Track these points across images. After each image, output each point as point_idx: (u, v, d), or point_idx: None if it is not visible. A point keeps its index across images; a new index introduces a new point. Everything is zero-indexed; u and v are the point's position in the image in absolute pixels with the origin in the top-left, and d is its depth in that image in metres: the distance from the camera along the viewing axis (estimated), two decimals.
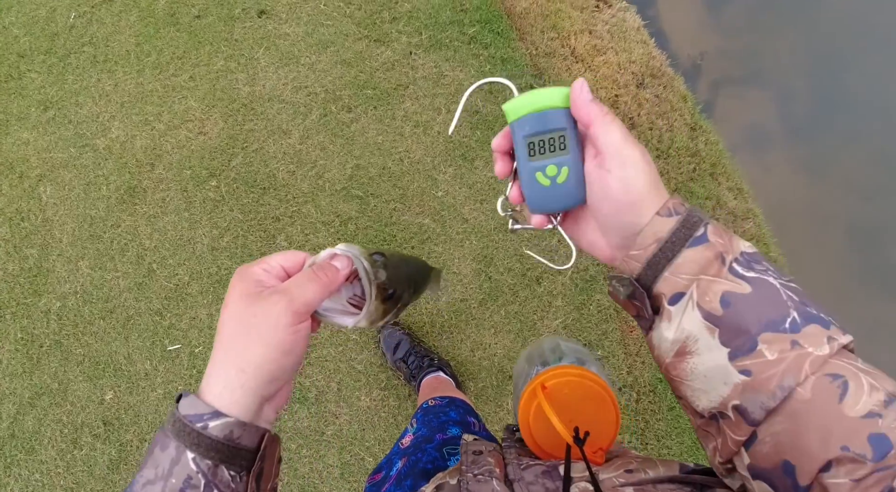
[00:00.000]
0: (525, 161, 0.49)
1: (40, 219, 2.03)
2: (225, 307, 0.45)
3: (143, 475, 0.42)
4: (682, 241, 0.43)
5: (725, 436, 0.42)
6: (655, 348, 0.46)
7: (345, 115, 2.11)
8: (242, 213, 1.99)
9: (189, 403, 0.42)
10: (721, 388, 0.41)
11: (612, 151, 0.45)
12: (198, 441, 0.41)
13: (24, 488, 1.79)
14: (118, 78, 2.20)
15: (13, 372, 1.88)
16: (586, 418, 0.70)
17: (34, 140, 2.14)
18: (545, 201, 0.50)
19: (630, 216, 0.46)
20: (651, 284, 0.45)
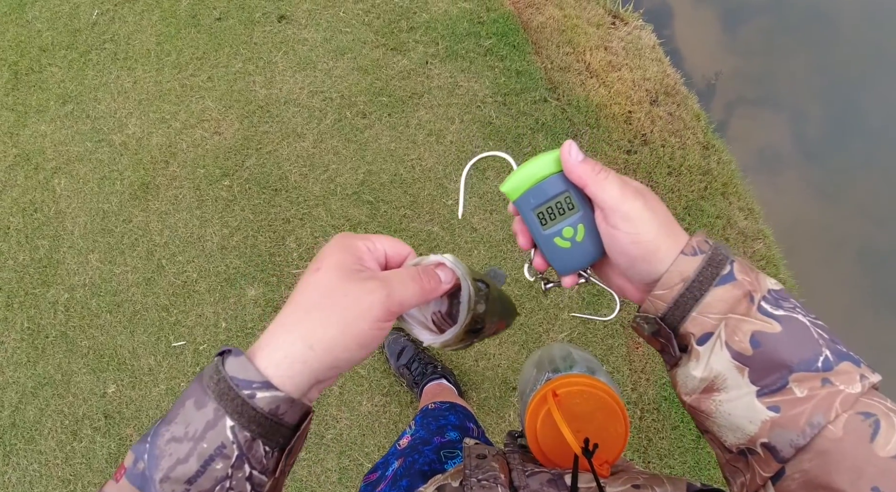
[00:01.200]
0: (540, 232, 0.50)
1: (53, 211, 2.05)
2: (315, 270, 0.41)
3: (169, 430, 0.37)
4: (710, 280, 0.43)
5: (754, 471, 0.42)
6: (680, 385, 0.46)
7: (359, 120, 2.13)
8: (253, 213, 2.01)
9: (239, 365, 0.38)
10: (748, 426, 0.41)
11: (612, 206, 0.45)
12: (241, 410, 0.37)
13: (21, 477, 1.80)
14: (137, 75, 2.24)
15: (18, 361, 1.90)
16: (595, 430, 0.69)
17: (51, 133, 2.17)
18: (570, 262, 0.51)
19: (646, 266, 0.46)
20: (678, 324, 0.45)
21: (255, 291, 1.91)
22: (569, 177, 0.47)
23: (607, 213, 0.46)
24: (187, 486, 0.36)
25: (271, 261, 1.94)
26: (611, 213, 0.46)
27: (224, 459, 0.37)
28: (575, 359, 0.82)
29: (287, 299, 0.41)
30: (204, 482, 0.36)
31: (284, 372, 0.38)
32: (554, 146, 2.08)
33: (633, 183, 0.47)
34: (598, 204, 0.47)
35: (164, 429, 0.37)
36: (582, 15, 2.38)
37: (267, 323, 1.86)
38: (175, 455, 0.36)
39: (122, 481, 0.37)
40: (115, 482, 0.38)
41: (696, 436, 1.80)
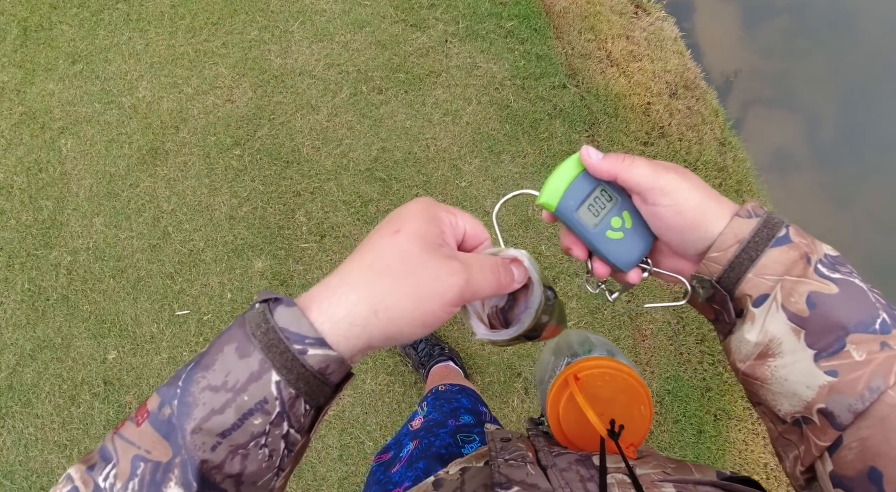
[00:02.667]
0: (590, 230, 0.49)
1: (58, 171, 2.02)
2: (394, 232, 0.39)
3: (205, 377, 0.34)
4: (766, 241, 0.43)
5: (809, 442, 0.41)
6: (734, 352, 0.45)
7: (375, 96, 2.10)
8: (264, 184, 1.98)
9: (292, 316, 0.35)
10: (805, 391, 0.40)
11: (648, 185, 0.45)
12: (290, 366, 0.34)
13: (16, 440, 1.78)
14: (150, 38, 2.19)
15: (17, 323, 1.87)
16: (619, 412, 0.68)
17: (59, 92, 2.13)
18: (629, 253, 0.50)
19: (696, 233, 0.45)
20: (733, 287, 0.44)
21: (262, 264, 1.89)
22: (597, 175, 0.47)
23: (645, 193, 0.46)
24: (220, 439, 0.33)
25: (280, 234, 1.92)
26: (648, 192, 0.45)
27: (264, 414, 0.34)
28: (593, 343, 0.81)
29: (353, 254, 0.39)
30: (238, 437, 0.34)
31: (341, 332, 0.35)
32: (571, 133, 2.08)
33: (661, 162, 0.47)
34: (634, 189, 0.46)
35: (199, 375, 0.34)
36: (605, 2, 2.35)
37: None
38: (210, 405, 0.33)
39: (145, 425, 0.34)
40: (136, 426, 0.35)
41: (698, 430, 1.81)
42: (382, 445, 1.72)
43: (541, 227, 1.90)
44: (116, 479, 0.33)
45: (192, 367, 0.35)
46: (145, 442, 0.34)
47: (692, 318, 1.85)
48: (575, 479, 0.51)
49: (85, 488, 0.33)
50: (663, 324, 1.83)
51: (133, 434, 0.34)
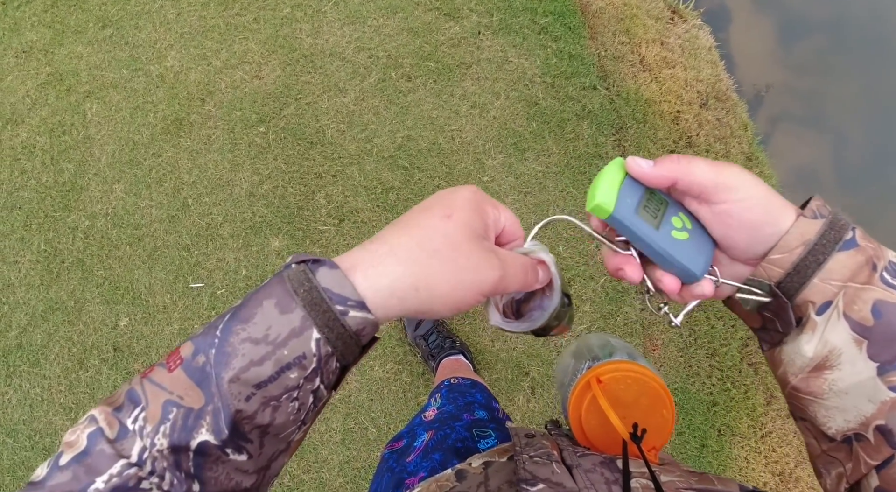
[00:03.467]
0: (654, 234, 0.43)
1: (82, 135, 2.03)
2: (446, 217, 0.40)
3: (245, 329, 0.35)
4: (832, 243, 0.40)
5: (858, 460, 0.39)
6: (785, 364, 0.43)
7: (403, 83, 2.10)
8: (286, 163, 1.98)
9: (335, 278, 0.36)
10: (865, 406, 0.38)
11: (712, 183, 0.42)
12: (331, 325, 0.35)
13: (22, 399, 1.80)
14: (182, 7, 2.19)
15: (30, 283, 1.89)
16: (641, 415, 0.68)
17: (87, 55, 2.14)
18: (700, 255, 0.45)
19: (770, 229, 0.42)
20: (794, 293, 0.41)
21: (280, 243, 1.90)
22: (651, 183, 0.44)
23: (710, 192, 0.42)
24: (255, 390, 0.34)
25: (299, 214, 1.93)
26: (714, 190, 0.42)
27: (300, 369, 0.35)
28: (614, 346, 0.82)
29: (399, 226, 0.40)
30: (273, 389, 0.35)
31: (381, 300, 0.37)
32: (598, 136, 2.07)
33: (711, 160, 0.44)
34: (696, 190, 0.42)
35: (238, 326, 0.35)
36: (642, 5, 2.34)
37: None
38: (249, 356, 0.34)
39: (177, 371, 0.35)
40: (168, 372, 0.35)
41: (701, 444, 1.81)
42: (386, 432, 1.74)
43: (560, 228, 1.90)
44: (146, 422, 0.34)
45: (228, 318, 0.36)
46: (178, 388, 0.34)
47: (704, 331, 1.85)
48: (600, 481, 0.51)
49: (110, 429, 0.33)
50: (675, 335, 1.84)
51: (164, 379, 0.35)
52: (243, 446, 0.35)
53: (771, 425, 1.80)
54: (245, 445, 0.35)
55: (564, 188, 1.93)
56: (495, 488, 0.55)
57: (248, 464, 0.37)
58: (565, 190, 1.93)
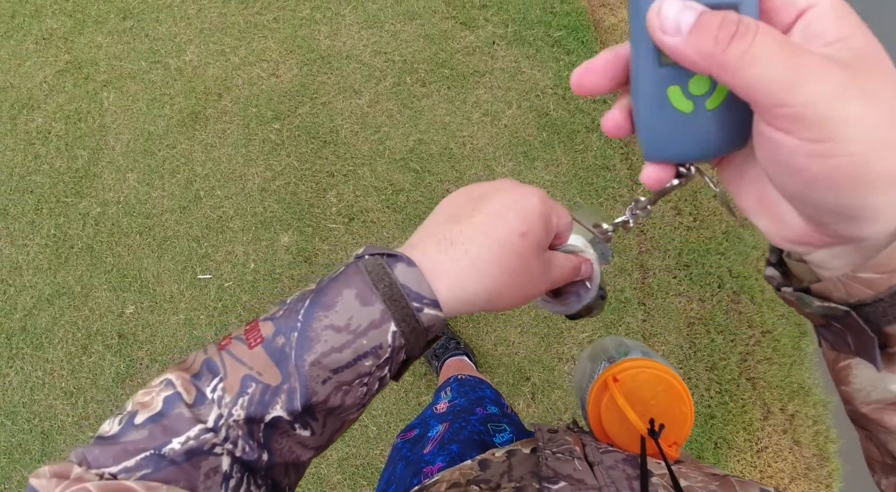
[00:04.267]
0: (651, 66, 0.28)
1: (98, 123, 2.07)
2: (523, 235, 0.41)
3: (327, 316, 0.37)
4: None
5: None
6: (852, 387, 0.35)
7: (418, 88, 2.15)
8: (299, 161, 2.03)
9: (413, 276, 0.38)
10: None
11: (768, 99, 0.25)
12: (407, 320, 0.38)
13: (23, 381, 1.82)
14: (203, 4, 2.25)
15: (38, 266, 1.91)
16: (659, 411, 0.71)
17: (107, 45, 2.18)
18: (676, 140, 0.30)
19: (838, 197, 0.26)
20: (885, 324, 0.30)
21: (289, 239, 1.94)
22: (680, 60, 0.26)
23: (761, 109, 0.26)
24: (331, 374, 0.37)
25: (310, 211, 1.97)
26: (767, 110, 0.26)
27: (375, 358, 0.38)
28: (629, 346, 0.85)
29: (476, 230, 0.40)
30: (348, 375, 0.37)
31: (453, 303, 0.39)
32: (606, 148, 2.13)
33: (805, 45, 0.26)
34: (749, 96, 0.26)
35: (320, 313, 0.37)
36: None
37: (296, 272, 1.90)
38: (331, 343, 0.36)
39: (258, 349, 0.37)
40: (248, 348, 0.37)
41: (696, 456, 1.85)
42: (387, 430, 1.76)
43: None
44: (225, 392, 0.36)
45: (308, 304, 0.38)
46: (257, 364, 0.36)
47: (703, 345, 1.89)
48: (621, 478, 0.52)
49: (187, 394, 0.35)
50: (675, 346, 1.88)
51: (244, 355, 0.37)
52: (310, 423, 0.38)
53: (767, 440, 1.84)
54: (311, 422, 0.38)
55: (572, 198, 1.98)
56: (518, 478, 0.56)
57: (310, 440, 0.39)
58: (573, 200, 1.98)
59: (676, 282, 1.86)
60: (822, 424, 1.84)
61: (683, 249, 1.88)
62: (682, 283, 1.87)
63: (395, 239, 1.94)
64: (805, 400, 1.84)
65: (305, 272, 1.90)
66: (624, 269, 1.86)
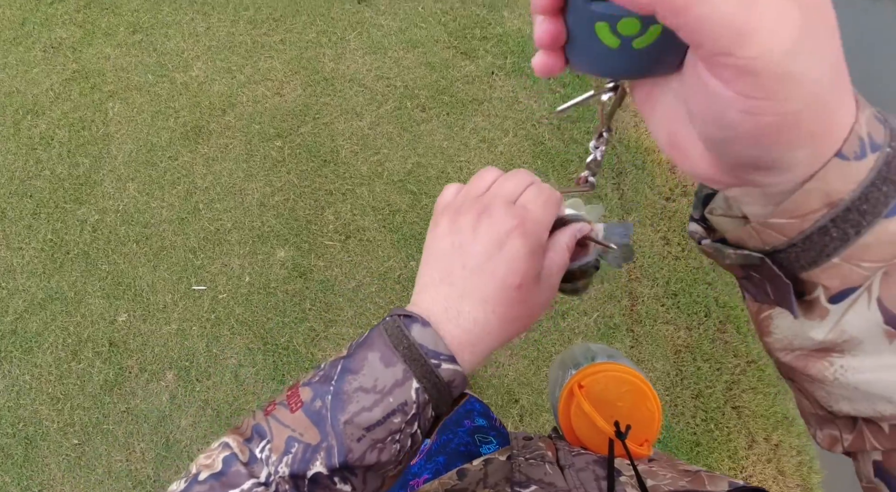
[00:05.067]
0: (583, 2, 0.28)
1: (101, 132, 2.12)
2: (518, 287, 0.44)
3: (356, 380, 0.42)
4: (879, 207, 0.27)
5: (863, 439, 0.34)
6: (773, 337, 0.35)
7: (418, 113, 2.24)
8: (299, 178, 2.09)
9: (429, 335, 0.42)
10: (883, 405, 0.31)
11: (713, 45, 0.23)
12: (428, 376, 0.42)
13: (10, 385, 1.83)
14: (212, 22, 2.33)
15: (33, 270, 1.94)
16: (627, 412, 0.76)
17: (115, 57, 2.25)
18: (599, 64, 0.31)
19: (758, 150, 0.26)
20: (800, 271, 0.30)
21: (285, 254, 1.98)
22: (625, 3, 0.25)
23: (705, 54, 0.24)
24: (365, 432, 0.41)
25: (307, 228, 2.02)
26: (711, 57, 0.24)
27: (403, 414, 0.42)
28: (594, 351, 0.90)
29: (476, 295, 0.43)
30: (380, 432, 0.41)
31: (472, 363, 0.44)
32: (598, 178, 2.22)
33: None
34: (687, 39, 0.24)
35: (350, 376, 0.42)
36: None
37: (291, 287, 1.94)
38: (361, 403, 0.41)
39: (299, 413, 0.42)
40: (290, 412, 0.42)
41: None
42: None
43: None
44: (272, 452, 0.41)
45: (340, 370, 0.43)
46: (298, 426, 0.42)
47: (690, 372, 1.95)
48: (590, 479, 0.57)
49: (242, 455, 0.41)
50: (662, 373, 1.94)
51: (287, 418, 0.43)
52: (349, 478, 0.42)
53: (751, 468, 1.89)
54: (351, 478, 0.42)
55: None
56: (493, 484, 0.61)
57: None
58: None
59: (664, 310, 1.93)
60: (806, 454, 1.89)
61: (671, 278, 1.95)
62: (669, 311, 1.93)
63: (390, 258, 2.00)
64: (789, 430, 1.90)
65: (300, 287, 1.94)
66: (613, 295, 1.93)
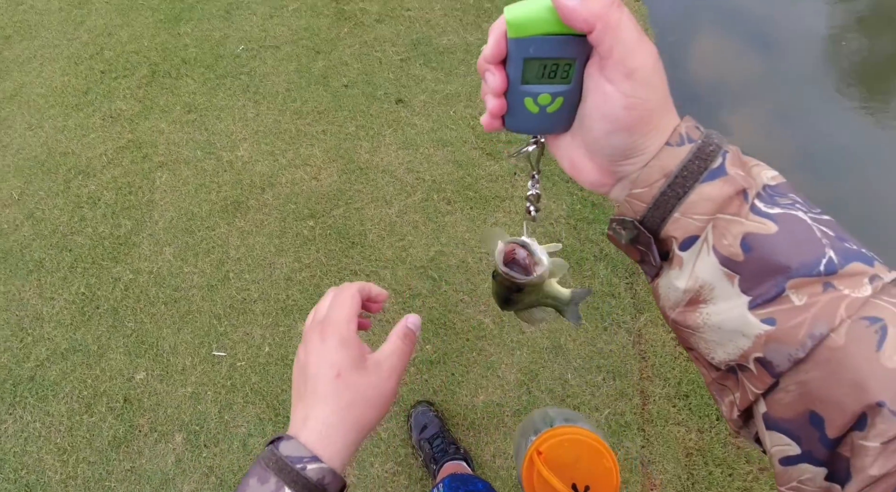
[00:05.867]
0: (517, 85, 0.44)
1: (146, 198, 2.28)
2: (336, 377, 0.53)
3: None
4: (696, 174, 0.39)
5: (745, 389, 0.40)
6: (662, 298, 0.43)
7: (443, 205, 2.42)
8: (327, 257, 2.23)
9: (292, 446, 0.50)
10: (740, 340, 0.38)
11: (620, 58, 0.38)
12: (296, 479, 0.48)
13: (19, 430, 1.85)
14: (261, 110, 2.57)
15: (61, 321, 2.02)
16: (585, 472, 0.82)
17: (168, 132, 2.46)
18: (526, 125, 0.47)
19: (628, 138, 0.41)
20: (658, 227, 0.41)
21: None
22: (570, 22, 0.38)
23: (610, 63, 0.39)
24: None
25: None
26: (615, 65, 0.39)
27: None
28: (552, 416, 0.96)
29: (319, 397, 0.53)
30: None
31: (337, 458, 0.51)
32: (612, 277, 2.35)
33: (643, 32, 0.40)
34: (603, 51, 0.39)
35: None
36: None
37: None
38: None
39: None
40: None
41: None
42: None
43: (571, 355, 2.10)
44: None
45: None
46: None
47: (702, 477, 1.98)
48: None
49: None
50: (673, 476, 1.96)
51: None
52: None
53: None
54: None
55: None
56: None
57: None
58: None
59: (676, 411, 1.99)
60: None
61: (683, 378, 2.03)
62: (681, 412, 1.99)
63: None
64: None
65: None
66: (625, 393, 2.00)
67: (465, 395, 2.02)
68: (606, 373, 2.03)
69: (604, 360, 2.05)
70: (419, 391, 2.01)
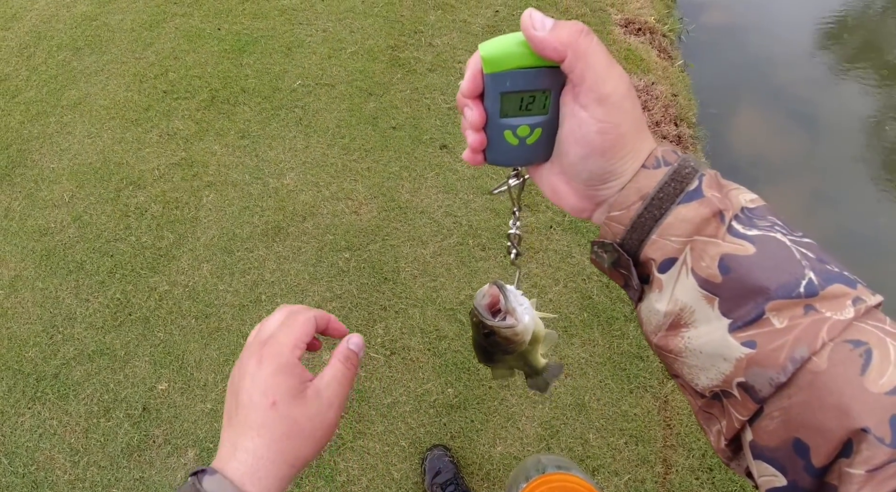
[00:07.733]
0: (495, 118, 0.46)
1: (192, 215, 2.39)
2: (272, 405, 0.49)
3: None
4: (672, 196, 0.40)
5: (730, 416, 0.39)
6: (644, 323, 0.44)
7: (478, 251, 2.48)
8: (358, 289, 2.29)
9: (216, 482, 0.47)
10: (722, 364, 0.38)
11: (591, 85, 0.40)
12: None
13: (35, 426, 1.90)
14: (311, 142, 2.71)
15: (92, 323, 2.09)
16: None
17: (220, 155, 2.60)
18: (506, 158, 0.49)
19: (603, 162, 0.42)
20: (637, 250, 0.42)
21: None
22: (541, 52, 0.41)
23: (583, 90, 0.41)
24: None
25: None
26: (587, 91, 0.41)
27: None
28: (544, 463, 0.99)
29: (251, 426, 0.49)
30: None
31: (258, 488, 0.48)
32: (642, 339, 2.36)
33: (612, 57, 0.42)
34: (575, 78, 0.41)
35: None
36: None
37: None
38: None
39: None
40: None
41: None
42: None
43: (594, 415, 2.10)
44: None
45: None
46: None
47: None
48: None
49: None
50: None
51: None
52: None
53: None
54: None
55: (603, 379, 2.17)
56: None
57: None
58: (604, 381, 2.17)
59: (699, 484, 1.96)
60: None
61: (708, 450, 2.01)
62: (704, 485, 1.96)
63: (430, 381, 2.11)
64: None
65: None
66: (647, 459, 1.98)
67: (482, 443, 2.02)
68: (629, 437, 2.02)
69: (627, 423, 2.05)
70: (436, 434, 2.02)
